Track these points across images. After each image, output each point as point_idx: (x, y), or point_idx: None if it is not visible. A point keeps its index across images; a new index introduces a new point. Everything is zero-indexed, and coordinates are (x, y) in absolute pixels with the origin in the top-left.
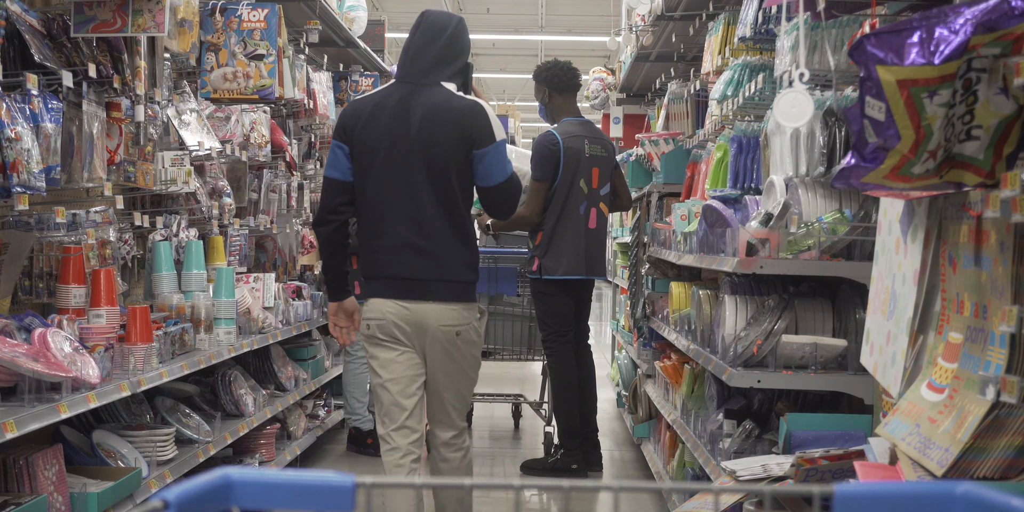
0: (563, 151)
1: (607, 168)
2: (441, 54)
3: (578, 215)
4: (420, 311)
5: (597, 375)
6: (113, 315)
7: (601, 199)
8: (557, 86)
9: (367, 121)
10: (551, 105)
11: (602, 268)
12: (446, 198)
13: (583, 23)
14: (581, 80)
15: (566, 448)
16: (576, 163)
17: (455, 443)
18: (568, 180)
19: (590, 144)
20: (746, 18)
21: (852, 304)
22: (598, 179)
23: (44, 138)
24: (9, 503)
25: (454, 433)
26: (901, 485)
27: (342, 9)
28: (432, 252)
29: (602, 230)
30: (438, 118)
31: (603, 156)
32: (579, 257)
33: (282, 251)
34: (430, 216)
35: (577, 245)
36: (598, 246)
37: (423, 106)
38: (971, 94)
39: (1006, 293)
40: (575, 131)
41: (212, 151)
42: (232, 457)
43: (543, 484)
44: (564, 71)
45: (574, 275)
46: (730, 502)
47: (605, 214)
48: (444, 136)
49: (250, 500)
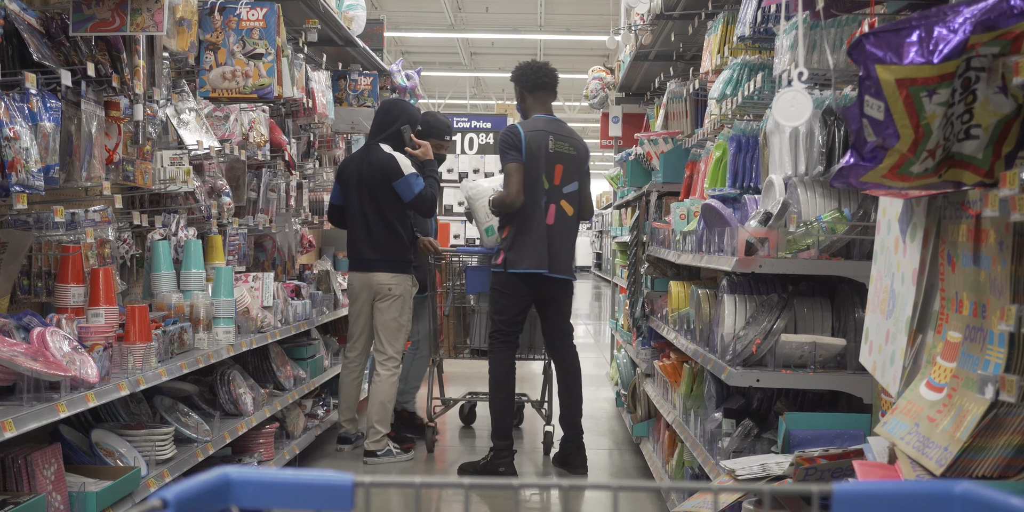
0: (524, 142)
1: (574, 167)
2: (379, 126)
3: (537, 210)
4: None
5: (596, 374)
6: (112, 314)
7: (564, 197)
8: (527, 85)
9: (343, 169)
10: (524, 104)
11: (566, 266)
12: (378, 209)
13: (582, 22)
14: (554, 80)
15: (495, 449)
16: (537, 158)
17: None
18: (529, 174)
19: (555, 140)
20: (745, 17)
21: (851, 303)
22: (561, 176)
23: (43, 137)
24: (8, 502)
25: (385, 357)
26: (900, 484)
27: (341, 8)
28: (374, 243)
29: (563, 228)
30: (372, 166)
31: (570, 154)
32: (540, 253)
33: (281, 250)
34: (371, 222)
35: (537, 240)
36: (560, 243)
37: (367, 159)
38: (970, 93)
39: (1005, 292)
40: (540, 127)
41: (211, 150)
42: (231, 456)
43: (542, 483)
44: (535, 71)
45: (532, 269)
46: (729, 501)
47: (567, 212)
48: (374, 176)
49: (249, 499)
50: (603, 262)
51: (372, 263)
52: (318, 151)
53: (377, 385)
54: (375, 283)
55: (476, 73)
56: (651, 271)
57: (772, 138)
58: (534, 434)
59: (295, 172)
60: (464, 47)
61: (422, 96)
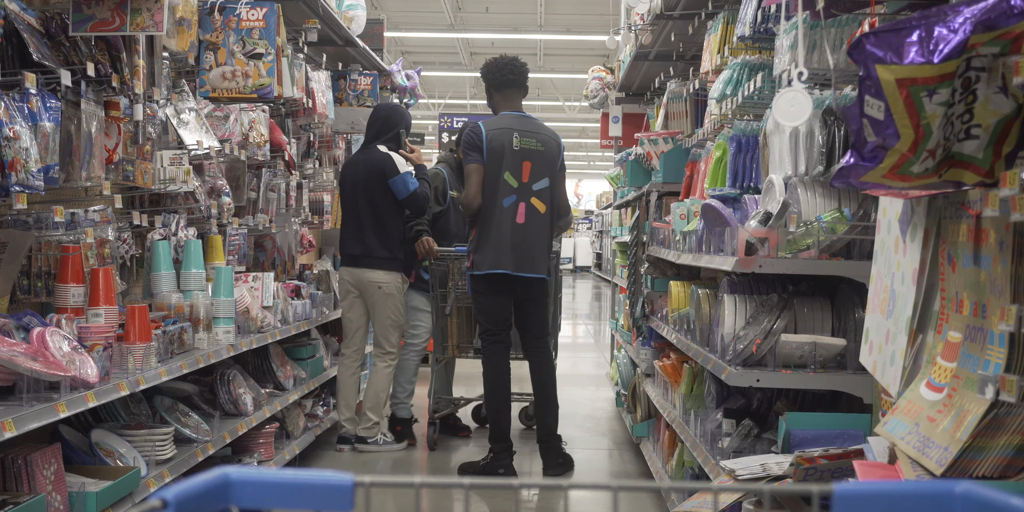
0: (485, 142)
1: (543, 163)
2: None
3: (502, 209)
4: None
5: (596, 374)
6: (112, 314)
7: (535, 194)
8: (494, 83)
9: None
10: (492, 101)
11: (536, 265)
12: (373, 207)
13: (582, 22)
14: (522, 76)
15: (494, 451)
16: (500, 156)
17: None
18: (492, 173)
19: (521, 137)
20: (745, 17)
21: (851, 303)
22: (530, 173)
23: (42, 137)
24: (8, 502)
25: (381, 351)
26: (900, 484)
27: (341, 8)
28: (364, 240)
29: (537, 226)
30: (370, 165)
31: (538, 150)
32: (505, 253)
33: (281, 250)
34: (364, 220)
35: (503, 240)
36: (532, 242)
37: (364, 160)
38: (970, 93)
39: (1005, 292)
40: (504, 124)
41: (211, 150)
42: (231, 456)
43: (542, 483)
44: (501, 67)
45: (498, 269)
46: (729, 501)
47: (539, 210)
48: (370, 174)
49: (249, 499)
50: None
51: (362, 260)
52: (318, 151)
53: (373, 375)
54: (365, 280)
55: (476, 73)
56: (651, 271)
57: (772, 138)
58: (534, 434)
59: (295, 172)
60: (464, 47)
61: (422, 96)
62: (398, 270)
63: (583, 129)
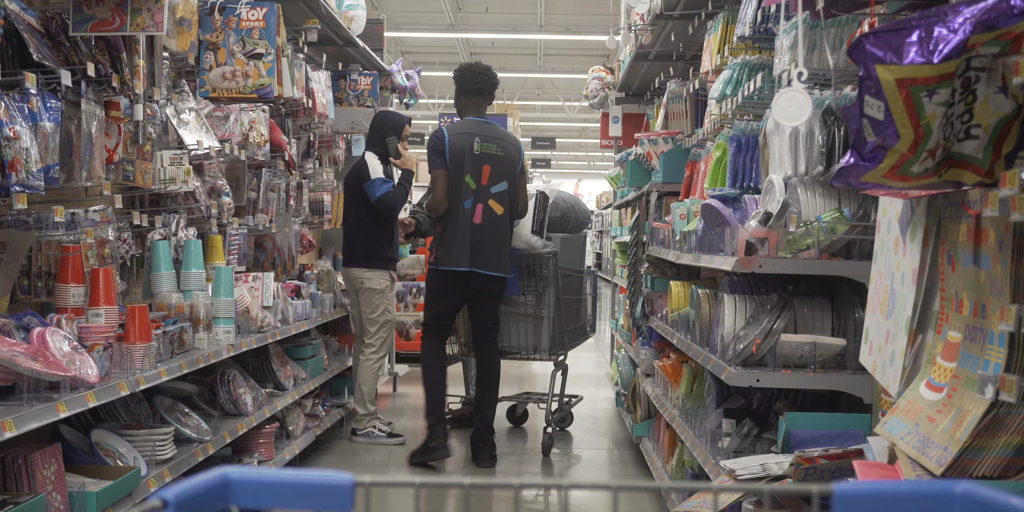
0: (448, 146)
1: (501, 167)
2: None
3: (463, 209)
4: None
5: (596, 374)
6: (112, 314)
7: (492, 197)
8: (462, 88)
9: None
10: (459, 104)
11: (495, 264)
12: (355, 210)
13: (582, 22)
14: (491, 87)
15: (429, 426)
16: (461, 159)
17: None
18: (454, 175)
19: (481, 142)
20: (745, 17)
21: (851, 303)
22: (489, 177)
23: (42, 137)
24: (8, 502)
25: (363, 344)
26: (900, 484)
27: (341, 8)
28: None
29: (494, 226)
30: (353, 170)
31: (497, 155)
32: (464, 250)
33: (281, 250)
34: (350, 221)
35: (462, 239)
36: (490, 241)
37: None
38: (970, 93)
39: (1005, 292)
40: (466, 129)
41: (211, 150)
42: (231, 456)
43: (543, 483)
44: (472, 74)
45: (457, 267)
46: (729, 501)
47: (496, 212)
48: (351, 178)
49: (249, 499)
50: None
51: (348, 259)
52: (318, 151)
53: (356, 368)
54: (352, 277)
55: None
56: (651, 271)
57: (772, 138)
58: (536, 434)
59: (295, 172)
60: (464, 47)
61: (422, 96)
62: (383, 268)
63: (583, 129)
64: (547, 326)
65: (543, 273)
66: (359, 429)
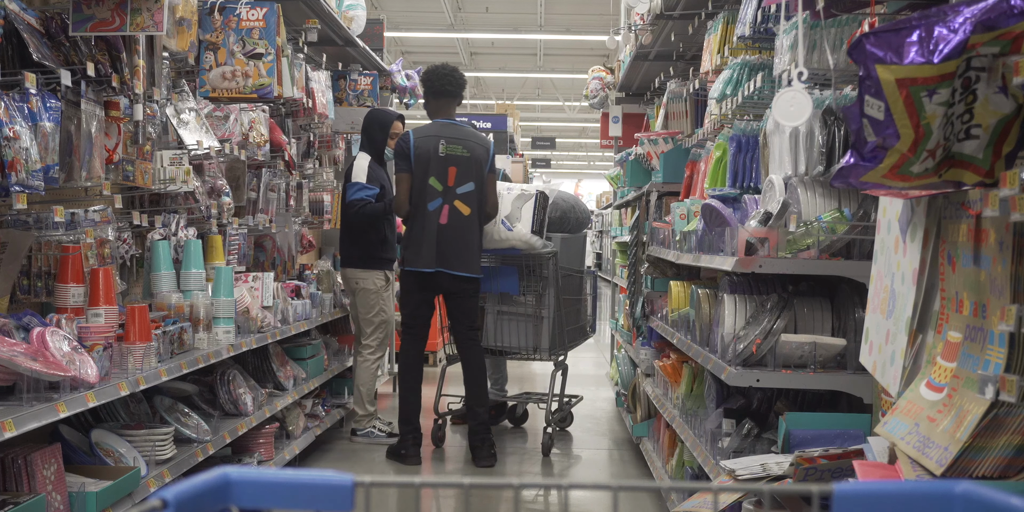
0: (413, 149)
1: (468, 168)
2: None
3: (428, 211)
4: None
5: (596, 374)
6: (112, 314)
7: (459, 197)
8: (429, 90)
9: None
10: (428, 106)
11: (462, 264)
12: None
13: (582, 22)
14: (458, 88)
15: (400, 434)
16: (427, 162)
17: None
18: (419, 178)
19: (447, 144)
20: (745, 17)
21: (851, 303)
22: (455, 178)
23: (42, 137)
24: (8, 502)
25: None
26: (900, 484)
27: (341, 8)
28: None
29: (461, 227)
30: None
31: (463, 156)
32: (430, 251)
33: (281, 250)
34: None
35: (428, 240)
36: (456, 242)
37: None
38: (970, 93)
39: (1005, 292)
40: (432, 132)
41: (211, 150)
42: (231, 456)
43: (543, 483)
44: (438, 76)
45: (424, 268)
46: (729, 501)
47: (463, 212)
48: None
49: (249, 499)
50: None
51: (344, 259)
52: (318, 151)
53: (354, 369)
54: (347, 277)
55: (476, 73)
56: (651, 271)
57: (772, 138)
58: (536, 434)
59: (295, 172)
60: (464, 47)
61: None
62: (378, 268)
63: (583, 129)
64: (547, 326)
65: (543, 273)
66: (359, 429)
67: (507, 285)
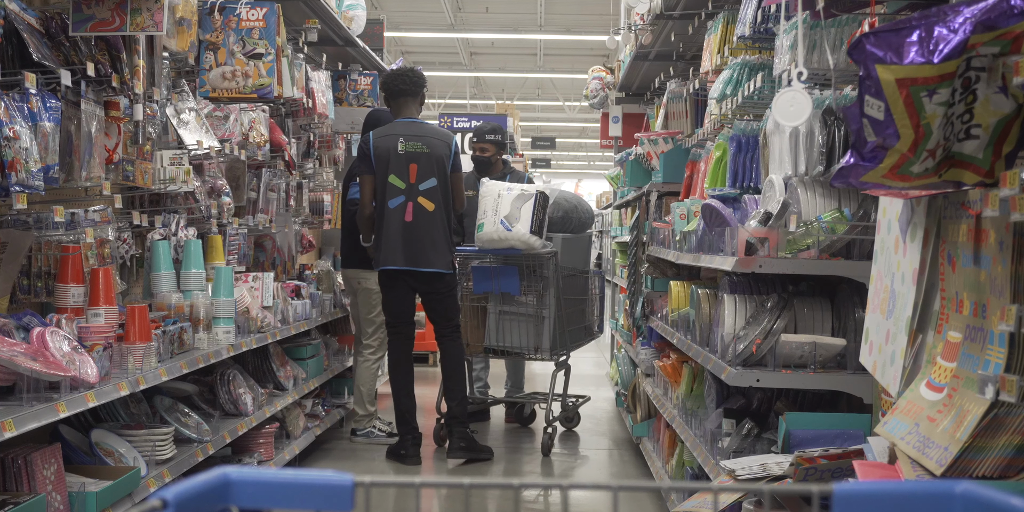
0: (372, 149)
1: (429, 165)
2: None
3: (389, 209)
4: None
5: (596, 374)
6: (112, 314)
7: (422, 194)
8: (387, 92)
9: None
10: (391, 109)
11: (430, 260)
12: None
13: (582, 22)
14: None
15: (399, 435)
16: (387, 160)
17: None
18: (380, 176)
19: (406, 141)
20: (745, 17)
21: (851, 303)
22: (417, 174)
23: (42, 137)
24: (8, 502)
25: (361, 345)
26: (900, 484)
27: (341, 8)
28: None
29: (426, 223)
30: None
31: (423, 152)
32: (396, 249)
33: (281, 250)
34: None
35: (394, 237)
36: (422, 239)
37: None
38: (970, 93)
39: (1005, 292)
40: (392, 131)
41: (211, 150)
42: (231, 456)
43: (543, 483)
44: (392, 77)
45: (392, 266)
46: (729, 501)
47: (427, 208)
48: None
49: (249, 499)
50: (603, 262)
51: (345, 259)
52: (318, 151)
53: (355, 369)
54: (348, 277)
55: (476, 73)
56: (651, 271)
57: (772, 138)
58: (537, 434)
59: (295, 172)
60: (464, 47)
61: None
62: (359, 266)
63: (583, 129)
64: (548, 326)
65: (544, 273)
66: (359, 429)
67: (508, 285)
